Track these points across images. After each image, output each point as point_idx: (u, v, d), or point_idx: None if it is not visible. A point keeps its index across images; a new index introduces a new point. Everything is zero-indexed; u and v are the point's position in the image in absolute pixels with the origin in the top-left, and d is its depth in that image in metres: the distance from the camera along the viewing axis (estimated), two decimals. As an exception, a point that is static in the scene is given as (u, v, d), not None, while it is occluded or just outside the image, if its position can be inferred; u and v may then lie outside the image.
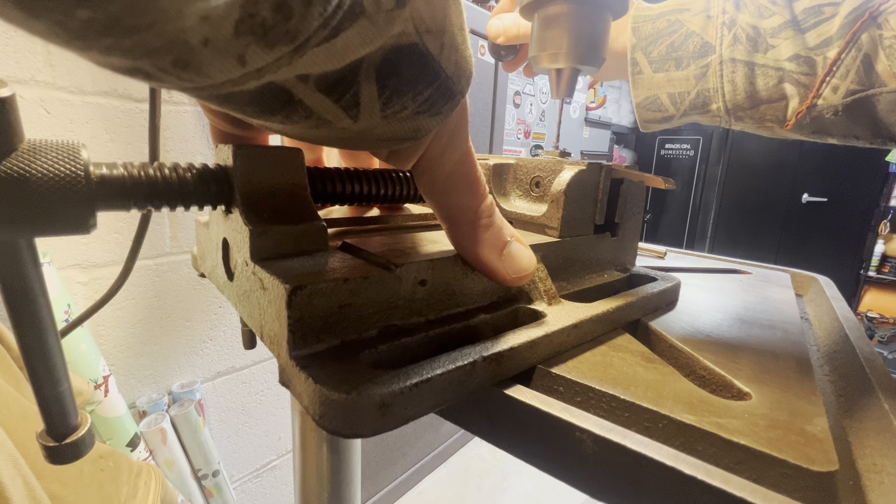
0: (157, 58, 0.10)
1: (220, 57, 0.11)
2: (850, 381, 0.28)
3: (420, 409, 0.16)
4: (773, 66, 0.36)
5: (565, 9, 0.29)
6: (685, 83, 0.41)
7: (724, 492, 0.14)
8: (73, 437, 0.19)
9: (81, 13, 0.09)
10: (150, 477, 0.60)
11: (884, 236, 3.02)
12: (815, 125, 0.36)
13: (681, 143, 3.77)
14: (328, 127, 0.16)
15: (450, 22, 0.15)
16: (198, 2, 0.09)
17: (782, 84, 0.36)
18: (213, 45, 0.11)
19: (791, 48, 0.35)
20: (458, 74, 0.17)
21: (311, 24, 0.11)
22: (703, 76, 0.39)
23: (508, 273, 0.22)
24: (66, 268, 0.77)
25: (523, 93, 2.26)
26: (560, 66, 0.30)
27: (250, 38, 0.11)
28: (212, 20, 0.10)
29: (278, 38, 0.11)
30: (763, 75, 0.37)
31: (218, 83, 0.12)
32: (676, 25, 0.40)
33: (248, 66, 0.12)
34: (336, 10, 0.11)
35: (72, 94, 0.73)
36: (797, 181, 3.30)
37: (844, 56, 0.32)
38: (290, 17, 0.11)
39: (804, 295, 0.49)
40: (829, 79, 0.33)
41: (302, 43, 0.12)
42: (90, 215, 0.15)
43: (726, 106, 0.39)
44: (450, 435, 1.84)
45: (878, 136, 0.35)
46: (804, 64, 0.35)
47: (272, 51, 0.11)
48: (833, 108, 0.34)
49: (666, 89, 0.42)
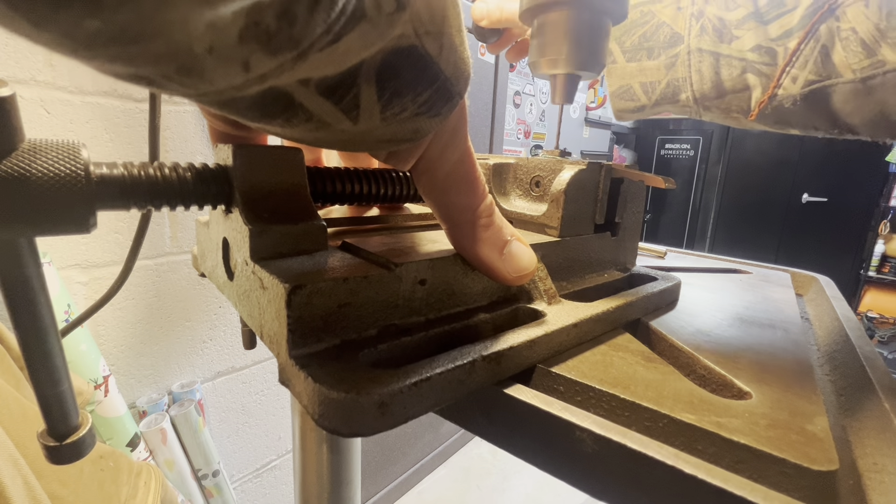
0: (162, 65, 0.10)
1: (224, 64, 0.11)
2: (850, 381, 0.28)
3: (419, 408, 0.16)
4: (736, 56, 0.37)
5: (565, 15, 0.29)
6: (656, 73, 0.41)
7: (725, 491, 0.14)
8: (74, 436, 0.19)
9: (89, 24, 0.09)
10: (150, 477, 0.60)
11: (884, 236, 3.02)
12: (777, 115, 0.37)
13: (681, 143, 3.77)
14: (328, 130, 0.16)
15: (448, 24, 0.15)
16: (205, 10, 0.09)
17: (745, 74, 0.37)
18: (217, 52, 0.11)
19: (754, 39, 0.36)
20: (457, 75, 0.17)
21: (315, 31, 0.11)
22: (673, 66, 0.40)
23: (509, 272, 0.22)
24: (66, 268, 0.77)
25: (523, 93, 2.26)
26: (559, 72, 0.30)
27: (255, 45, 0.11)
28: (217, 28, 0.10)
29: (282, 45, 0.11)
30: (727, 65, 0.37)
31: (220, 89, 0.12)
32: (649, 16, 0.41)
33: (252, 73, 0.12)
34: (339, 15, 0.11)
35: (72, 94, 0.73)
36: (797, 181, 3.30)
37: (803, 47, 0.33)
38: (294, 23, 0.11)
39: (804, 295, 0.49)
40: (788, 69, 0.34)
41: (305, 49, 0.12)
42: (90, 215, 0.15)
43: (694, 96, 0.40)
44: (450, 435, 1.84)
45: (836, 127, 0.35)
46: (766, 54, 0.35)
47: (276, 57, 0.11)
48: (792, 98, 0.35)
49: (638, 79, 0.43)
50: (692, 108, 0.41)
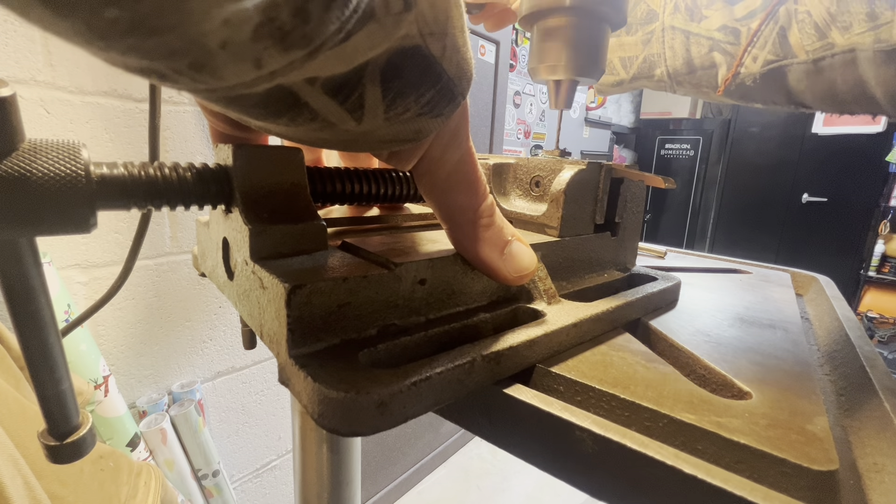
0: (176, 59, 0.10)
1: (236, 60, 0.11)
2: (850, 381, 0.28)
3: (419, 407, 0.16)
4: (705, 35, 0.38)
5: (564, 21, 0.29)
6: (634, 48, 0.43)
7: (725, 491, 0.14)
8: (75, 436, 0.19)
9: (110, 12, 0.09)
10: (150, 477, 0.60)
11: (884, 236, 3.02)
12: (740, 91, 0.39)
13: (681, 143, 3.77)
14: (332, 129, 0.16)
15: (452, 24, 0.15)
16: (225, 4, 0.09)
17: (712, 53, 0.38)
18: (230, 48, 0.11)
19: (721, 19, 0.37)
20: (460, 76, 0.17)
21: (328, 29, 0.11)
22: (649, 42, 0.42)
23: (510, 272, 0.22)
24: (66, 268, 0.77)
25: (523, 93, 2.26)
26: (559, 78, 0.30)
27: (268, 42, 0.11)
28: (233, 23, 0.10)
29: (295, 42, 0.11)
30: (696, 44, 0.39)
31: (229, 86, 0.12)
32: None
33: (263, 70, 0.12)
34: (352, 14, 0.12)
35: (72, 94, 0.73)
36: (797, 181, 3.30)
37: (764, 27, 0.34)
38: (309, 21, 0.11)
39: (804, 295, 0.49)
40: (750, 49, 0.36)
41: (317, 47, 0.12)
42: (91, 214, 0.15)
43: (668, 71, 0.42)
44: (450, 435, 1.84)
45: (791, 103, 0.37)
46: (731, 34, 0.37)
47: (287, 54, 0.11)
48: (753, 77, 0.36)
49: (618, 53, 0.45)
50: (666, 83, 0.43)
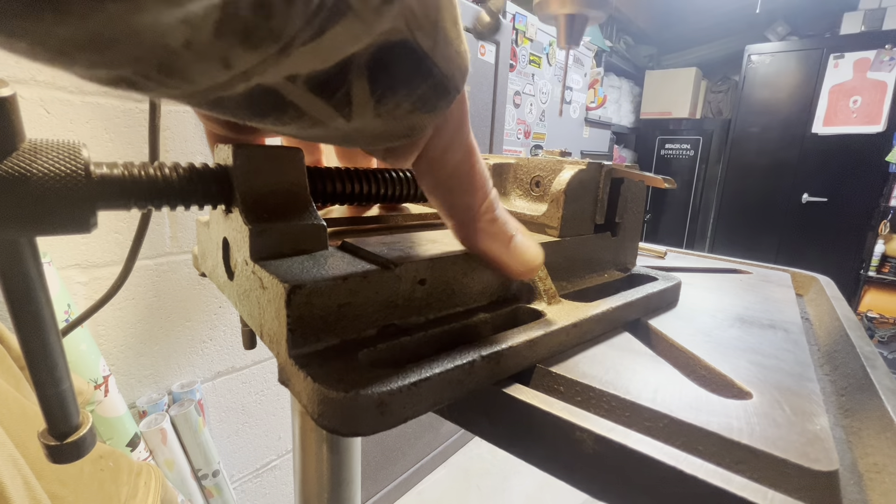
0: (142, 65, 0.10)
1: (203, 60, 0.11)
2: (850, 381, 0.28)
3: (419, 408, 0.16)
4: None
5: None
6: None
7: (725, 491, 0.14)
8: (75, 436, 0.19)
9: (62, 31, 0.09)
10: (150, 477, 0.60)
11: (884, 236, 3.02)
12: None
13: (681, 143, 3.77)
14: (322, 127, 0.16)
15: (443, 17, 0.15)
16: (174, 9, 0.09)
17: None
18: (195, 47, 0.10)
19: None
20: (453, 70, 0.17)
21: (295, 23, 0.11)
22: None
23: (517, 265, 0.22)
24: (66, 268, 0.77)
25: (523, 93, 2.26)
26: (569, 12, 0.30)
27: (233, 40, 0.11)
28: (191, 22, 0.10)
29: (262, 39, 0.11)
30: None
31: (204, 88, 0.12)
32: None
33: (234, 69, 0.12)
34: (319, 7, 0.11)
35: (72, 94, 0.73)
36: (797, 181, 3.29)
37: None
38: (272, 16, 0.11)
39: (804, 295, 0.49)
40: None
41: (287, 42, 0.12)
42: (91, 214, 0.15)
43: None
44: (450, 435, 1.84)
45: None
46: None
47: (257, 52, 0.11)
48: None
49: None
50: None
